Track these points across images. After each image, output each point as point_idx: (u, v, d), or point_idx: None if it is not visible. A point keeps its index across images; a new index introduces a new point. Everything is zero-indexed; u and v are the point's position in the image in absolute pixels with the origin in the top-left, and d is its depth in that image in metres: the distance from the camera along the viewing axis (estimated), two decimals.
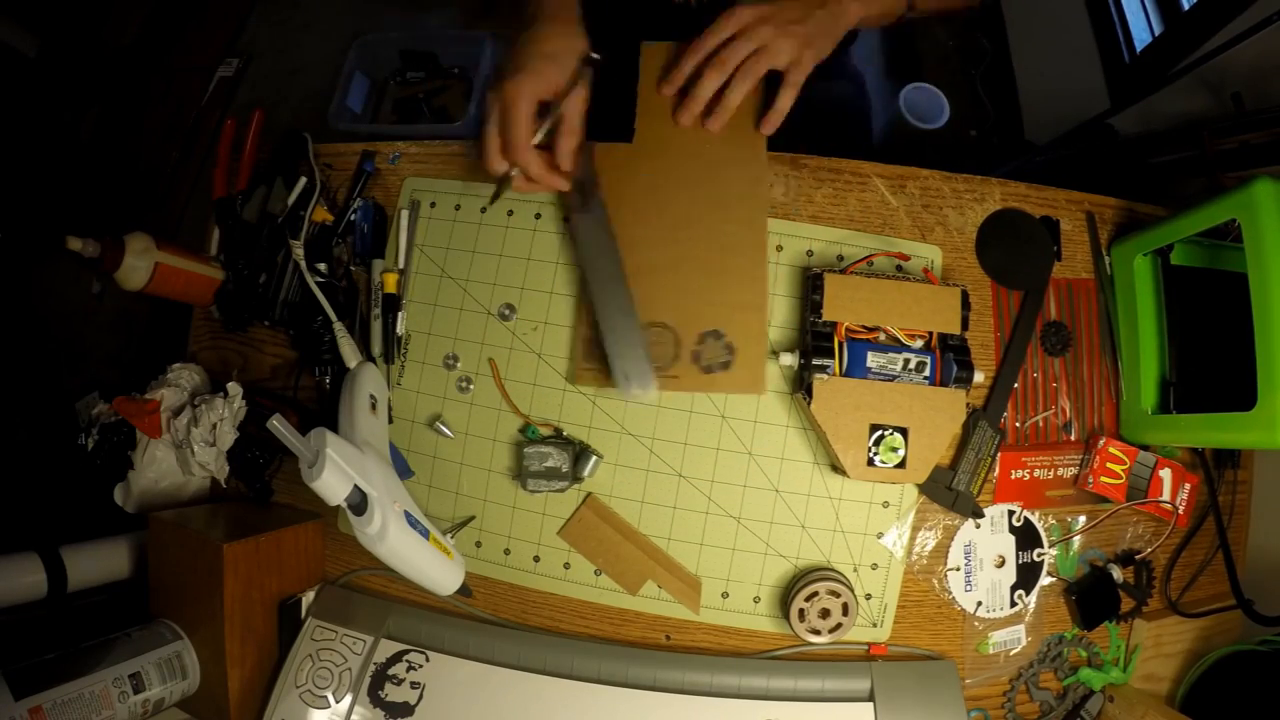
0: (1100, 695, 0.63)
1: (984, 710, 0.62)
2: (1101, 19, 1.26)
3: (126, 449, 0.70)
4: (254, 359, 0.75)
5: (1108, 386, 0.65)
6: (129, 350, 1.68)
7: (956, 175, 0.66)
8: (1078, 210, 0.67)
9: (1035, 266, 0.65)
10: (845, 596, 0.59)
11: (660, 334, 0.62)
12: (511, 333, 0.67)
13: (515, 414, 0.66)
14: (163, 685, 0.59)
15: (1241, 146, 0.77)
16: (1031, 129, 1.30)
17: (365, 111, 1.78)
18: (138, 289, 0.66)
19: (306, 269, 0.68)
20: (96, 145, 1.95)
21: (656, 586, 0.64)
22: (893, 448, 0.57)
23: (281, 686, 0.61)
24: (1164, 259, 0.62)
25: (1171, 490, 0.63)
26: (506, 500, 0.66)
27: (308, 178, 0.70)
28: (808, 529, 0.63)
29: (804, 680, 0.60)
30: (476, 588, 0.66)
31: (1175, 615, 0.64)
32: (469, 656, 0.62)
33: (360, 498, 0.51)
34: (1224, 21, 0.90)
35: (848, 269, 0.63)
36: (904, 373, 0.58)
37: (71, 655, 0.57)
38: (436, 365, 0.68)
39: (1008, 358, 0.63)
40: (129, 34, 2.02)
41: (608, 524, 0.64)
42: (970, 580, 0.62)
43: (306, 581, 0.67)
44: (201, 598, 0.61)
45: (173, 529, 0.64)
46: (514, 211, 0.69)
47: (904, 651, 0.62)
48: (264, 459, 0.71)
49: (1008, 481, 0.63)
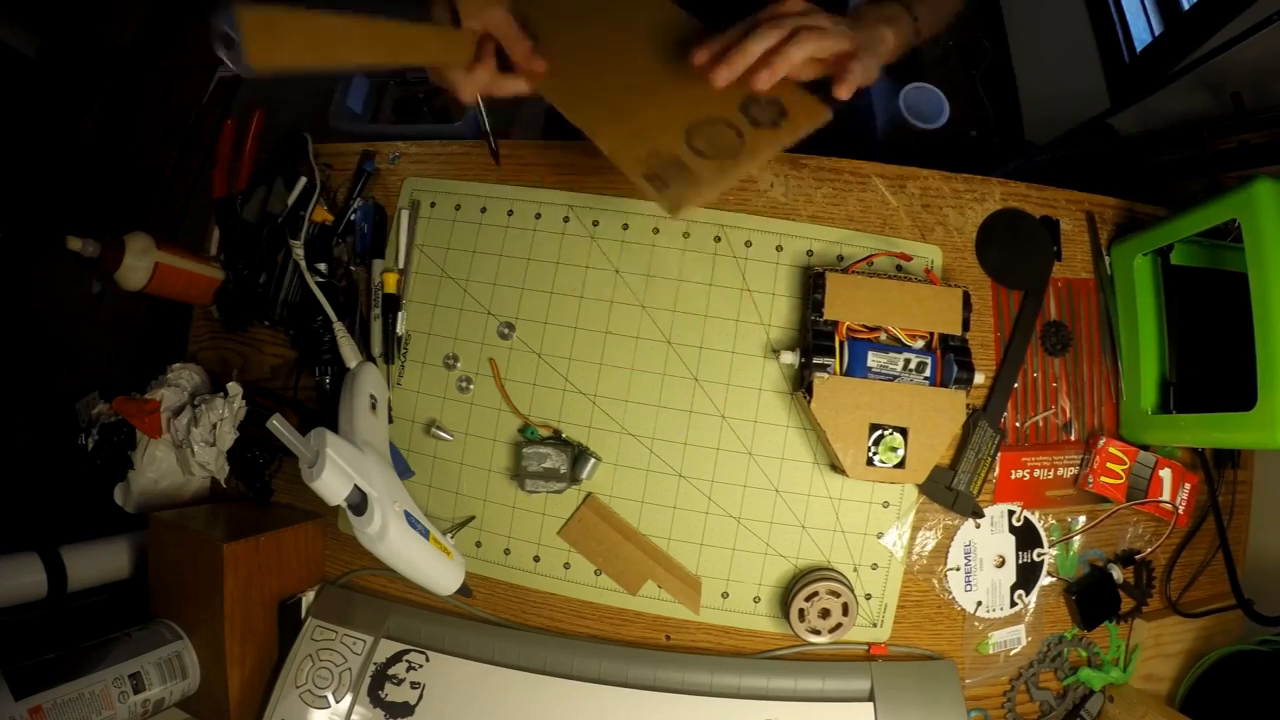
0: (1100, 695, 0.63)
1: (984, 710, 0.62)
2: (1101, 19, 1.26)
3: (126, 449, 0.70)
4: (254, 359, 0.75)
5: (1108, 386, 0.65)
6: (129, 350, 1.68)
7: (956, 175, 0.66)
8: (1078, 210, 0.67)
9: (1035, 266, 0.65)
10: (845, 596, 0.59)
11: (712, 128, 0.55)
12: (510, 346, 0.67)
13: (515, 414, 0.66)
14: (163, 685, 0.59)
15: (1241, 146, 0.77)
16: (1031, 129, 1.30)
17: (365, 111, 1.79)
18: (138, 289, 0.66)
19: (306, 269, 0.68)
20: (96, 145, 1.95)
21: (656, 586, 0.64)
22: (892, 447, 0.57)
23: (281, 686, 0.61)
24: (1164, 259, 0.61)
25: (1171, 490, 0.63)
26: (506, 500, 0.66)
27: (308, 178, 0.70)
28: (808, 529, 0.63)
29: (804, 680, 0.60)
30: (476, 588, 0.66)
31: (1175, 615, 0.64)
32: (469, 656, 0.62)
33: (360, 498, 0.51)
34: (1224, 21, 0.90)
35: (849, 269, 0.63)
36: (904, 373, 0.58)
37: (71, 655, 0.57)
38: (436, 365, 0.68)
39: (1008, 358, 0.63)
40: (129, 34, 2.02)
41: (608, 524, 0.64)
42: (970, 580, 0.62)
43: (306, 581, 0.67)
44: (201, 598, 0.61)
45: (173, 529, 0.64)
46: (514, 211, 0.69)
47: (904, 651, 0.62)
48: (264, 459, 0.71)
49: (1008, 481, 0.63)
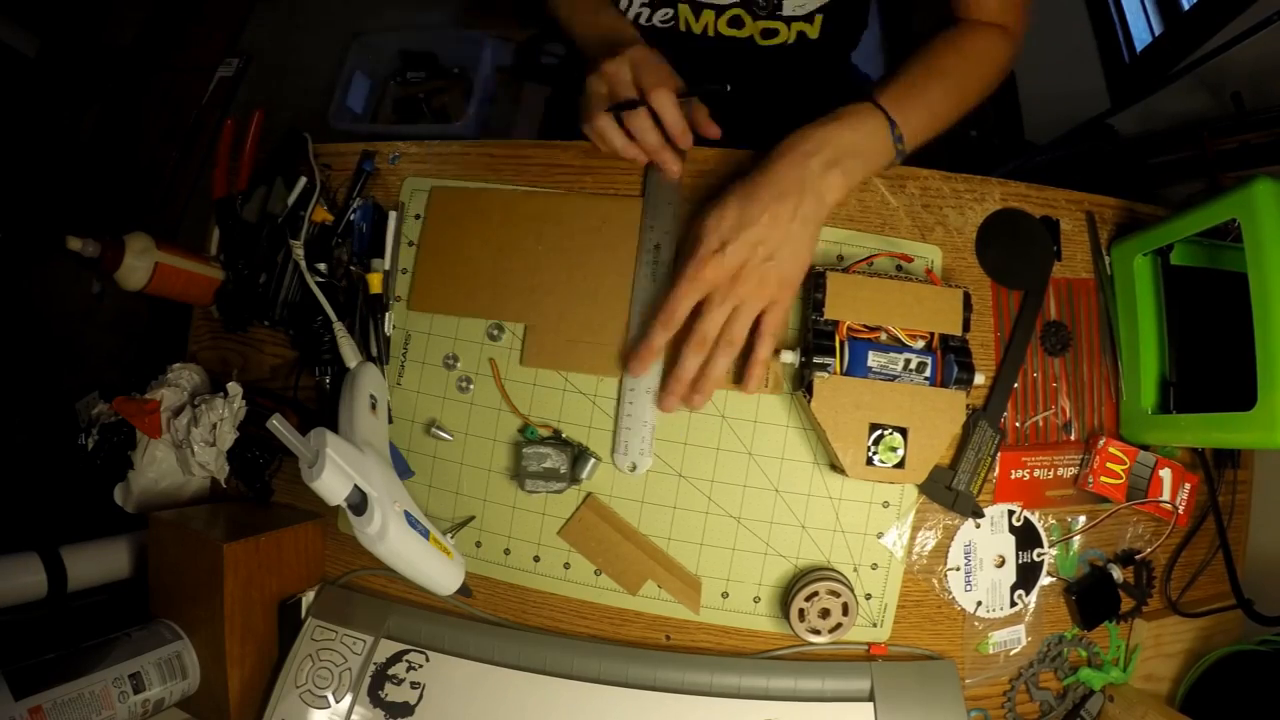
0: (1100, 695, 0.63)
1: (984, 710, 0.62)
2: (1101, 19, 1.26)
3: (126, 449, 0.70)
4: (254, 359, 0.75)
5: (1108, 386, 0.65)
6: (129, 350, 1.68)
7: (956, 175, 0.66)
8: (1078, 210, 0.67)
9: (1035, 266, 0.65)
10: (845, 596, 0.59)
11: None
12: (508, 345, 0.67)
13: (515, 414, 0.66)
14: (163, 685, 0.59)
15: (1241, 146, 0.77)
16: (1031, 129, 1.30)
17: (365, 111, 1.79)
18: (138, 289, 0.66)
19: (306, 269, 0.68)
20: (96, 145, 1.95)
21: (656, 586, 0.64)
22: (892, 447, 0.57)
23: (281, 686, 0.61)
24: (1164, 259, 0.61)
25: (1171, 490, 0.63)
26: (506, 500, 0.66)
27: (308, 178, 0.70)
28: (808, 529, 0.63)
29: (804, 680, 0.60)
30: (476, 588, 0.66)
31: (1175, 615, 0.64)
32: (469, 656, 0.62)
33: (360, 498, 0.51)
34: (1224, 21, 0.90)
35: (849, 269, 0.63)
36: (905, 373, 0.58)
37: (71, 655, 0.57)
38: (436, 365, 0.68)
39: (1008, 358, 0.63)
40: (129, 34, 2.02)
41: (608, 524, 0.64)
42: (970, 580, 0.62)
43: (306, 581, 0.67)
44: (201, 598, 0.61)
45: (173, 529, 0.64)
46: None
47: (904, 651, 0.62)
48: (264, 459, 0.71)
49: (1008, 481, 0.63)
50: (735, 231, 0.56)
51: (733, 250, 0.56)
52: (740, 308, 0.58)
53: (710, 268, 0.57)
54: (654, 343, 0.60)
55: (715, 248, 0.57)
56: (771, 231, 0.56)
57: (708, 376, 0.59)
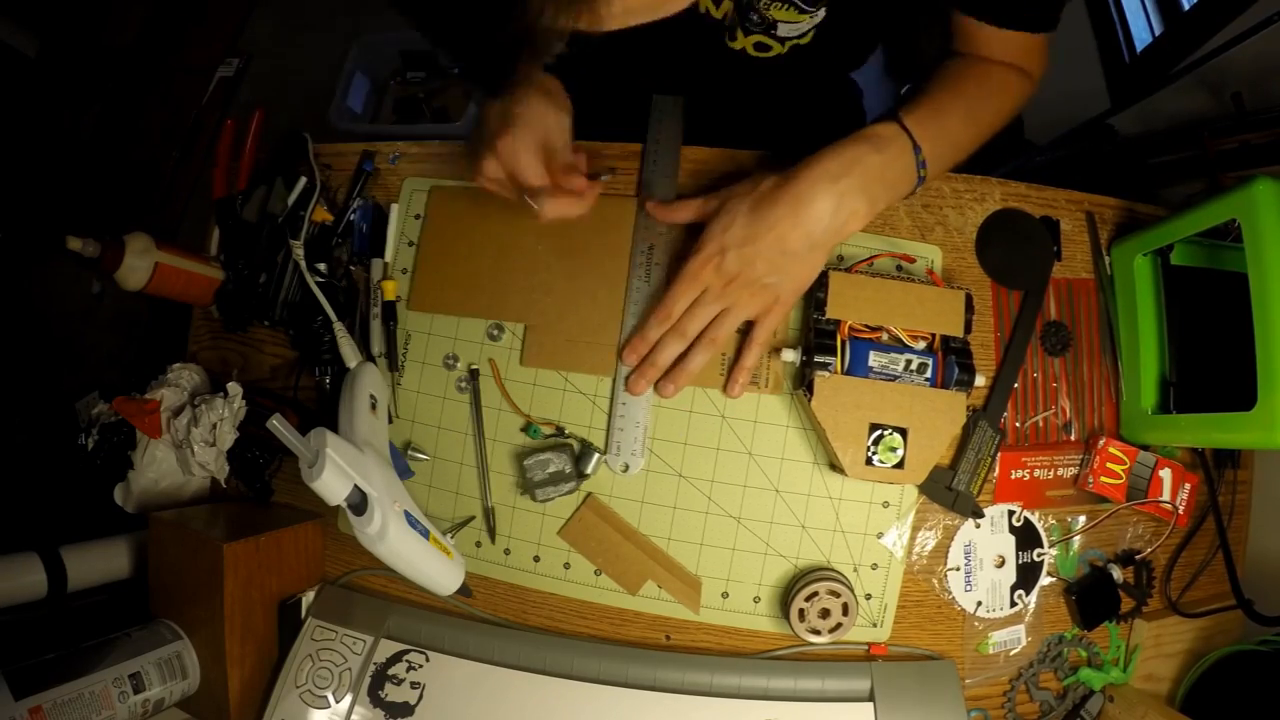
0: (1100, 695, 0.63)
1: (984, 710, 0.62)
2: (1101, 19, 1.26)
3: (126, 449, 0.70)
4: (254, 359, 0.75)
5: (1108, 386, 0.65)
6: (129, 350, 1.68)
7: (956, 175, 0.66)
8: (1078, 210, 0.67)
9: (1035, 266, 0.65)
10: (845, 596, 0.59)
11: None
12: (508, 345, 0.67)
13: (516, 413, 0.66)
14: (163, 685, 0.59)
15: (1241, 146, 0.77)
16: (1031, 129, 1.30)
17: (365, 111, 1.79)
18: (138, 289, 0.66)
19: (306, 269, 0.68)
20: (96, 145, 1.95)
21: (656, 586, 0.64)
22: (891, 448, 0.57)
23: (281, 686, 0.61)
24: (1164, 259, 0.61)
25: (1171, 490, 0.63)
26: (506, 500, 0.66)
27: (308, 178, 0.70)
28: (808, 529, 0.63)
29: (804, 680, 0.60)
30: (476, 588, 0.66)
31: (1175, 615, 0.64)
32: (469, 656, 0.62)
33: (360, 498, 0.51)
34: (1224, 22, 0.90)
35: (851, 269, 0.63)
36: (905, 373, 0.58)
37: (71, 655, 0.57)
38: (436, 365, 0.68)
39: (1008, 358, 0.63)
40: (129, 34, 2.02)
41: (608, 524, 0.64)
42: (970, 580, 0.62)
43: (306, 581, 0.67)
44: (201, 598, 0.61)
45: (173, 529, 0.64)
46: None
47: (904, 651, 0.62)
48: (264, 459, 0.71)
49: (1008, 481, 0.63)
50: (737, 243, 0.57)
51: (731, 259, 0.57)
52: (730, 311, 0.59)
53: (707, 270, 0.58)
54: (648, 335, 0.61)
55: (715, 253, 0.58)
56: (774, 252, 0.56)
57: (682, 369, 0.61)
